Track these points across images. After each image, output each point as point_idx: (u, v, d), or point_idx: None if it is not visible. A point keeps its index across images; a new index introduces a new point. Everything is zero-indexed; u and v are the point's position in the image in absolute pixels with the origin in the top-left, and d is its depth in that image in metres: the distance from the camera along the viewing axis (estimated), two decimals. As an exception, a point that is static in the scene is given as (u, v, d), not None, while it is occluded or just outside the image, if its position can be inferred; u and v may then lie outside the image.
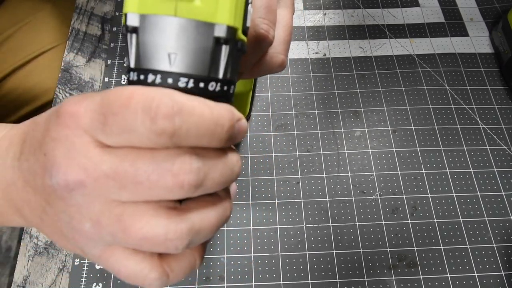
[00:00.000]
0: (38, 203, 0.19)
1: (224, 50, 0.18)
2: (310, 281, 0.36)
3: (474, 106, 0.44)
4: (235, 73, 0.19)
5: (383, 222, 0.38)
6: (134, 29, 0.18)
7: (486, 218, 0.39)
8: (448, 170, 0.41)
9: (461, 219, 0.39)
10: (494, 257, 0.37)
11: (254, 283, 0.36)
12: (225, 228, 0.38)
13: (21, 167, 0.20)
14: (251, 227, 0.38)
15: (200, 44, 0.17)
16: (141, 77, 0.18)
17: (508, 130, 0.43)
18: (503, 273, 0.36)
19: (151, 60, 0.18)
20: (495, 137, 0.43)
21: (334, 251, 0.37)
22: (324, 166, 0.41)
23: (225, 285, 0.36)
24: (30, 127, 0.20)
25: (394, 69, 0.47)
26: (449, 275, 0.36)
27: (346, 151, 0.42)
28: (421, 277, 0.36)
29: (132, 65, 0.18)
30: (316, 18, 0.51)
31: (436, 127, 0.43)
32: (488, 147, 0.42)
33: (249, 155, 0.41)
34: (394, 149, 0.42)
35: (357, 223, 0.38)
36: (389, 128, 0.43)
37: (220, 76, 0.18)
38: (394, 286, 0.36)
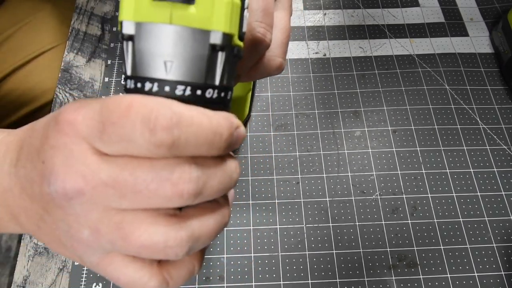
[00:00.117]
0: (35, 211, 0.19)
1: (220, 57, 0.18)
2: (310, 281, 0.36)
3: (474, 106, 0.44)
4: (232, 79, 0.19)
5: (383, 222, 0.38)
6: (130, 37, 0.18)
7: (486, 218, 0.39)
8: (448, 170, 0.41)
9: (461, 219, 0.39)
10: (494, 257, 0.37)
11: (254, 283, 0.36)
12: (225, 228, 0.38)
13: (18, 174, 0.19)
14: (251, 227, 0.38)
15: (196, 52, 0.17)
16: (138, 85, 0.18)
17: (508, 130, 0.43)
18: (503, 273, 0.36)
19: (148, 68, 0.18)
20: (495, 137, 0.43)
21: (334, 251, 0.37)
22: (324, 166, 0.41)
23: (225, 285, 0.36)
24: (27, 134, 0.20)
25: (394, 69, 0.47)
26: (449, 275, 0.36)
27: (346, 151, 0.42)
28: (421, 277, 0.36)
29: (129, 73, 0.18)
30: (316, 18, 0.51)
31: (436, 127, 0.43)
32: (488, 147, 0.42)
33: (249, 155, 0.41)
34: (394, 149, 0.42)
35: (357, 223, 0.38)
36: (389, 128, 0.43)
37: (217, 83, 0.18)
38: (394, 286, 0.36)
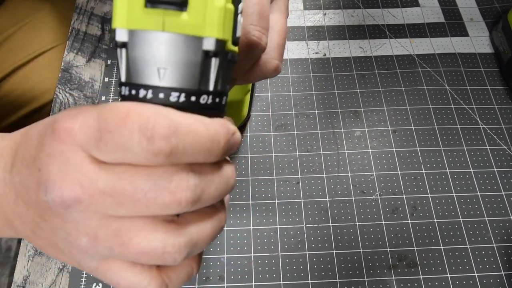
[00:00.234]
0: (31, 217, 0.19)
1: (214, 63, 0.18)
2: (310, 281, 0.36)
3: (474, 106, 0.44)
4: (227, 84, 0.19)
5: (383, 222, 0.38)
6: (124, 44, 0.18)
7: (486, 218, 0.39)
8: (448, 170, 0.41)
9: (461, 219, 0.39)
10: (494, 257, 0.37)
11: (254, 283, 0.36)
12: (225, 228, 0.38)
13: (13, 180, 0.19)
14: (251, 227, 0.38)
15: (189, 58, 0.17)
16: (133, 92, 0.18)
17: (508, 130, 0.43)
18: (503, 273, 0.36)
19: (141, 75, 0.18)
20: (495, 137, 0.43)
21: (334, 251, 0.37)
22: (324, 166, 0.41)
23: (225, 285, 0.36)
24: (22, 139, 0.20)
25: (394, 69, 0.47)
26: (449, 275, 0.36)
27: (346, 151, 0.42)
28: (421, 277, 0.36)
29: (123, 80, 0.18)
30: (316, 18, 0.51)
31: (436, 127, 0.43)
32: (488, 147, 0.42)
33: (249, 155, 0.41)
34: (394, 149, 0.42)
35: (357, 223, 0.38)
36: (389, 128, 0.43)
37: (211, 89, 0.18)
38: (394, 286, 0.36)
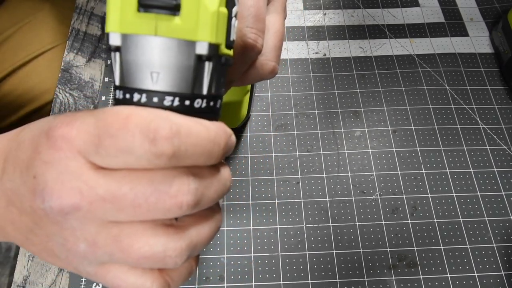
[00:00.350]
0: (24, 224, 0.19)
1: (207, 67, 0.18)
2: (310, 281, 0.36)
3: (474, 106, 0.44)
4: (221, 88, 0.19)
5: (383, 222, 0.38)
6: (117, 48, 0.18)
7: (486, 218, 0.39)
8: (448, 170, 0.41)
9: (461, 219, 0.39)
10: (494, 257, 0.37)
11: (254, 283, 0.36)
12: (225, 228, 0.38)
13: (4, 187, 0.19)
14: (251, 227, 0.38)
15: (182, 62, 0.17)
16: (127, 96, 0.18)
17: (508, 130, 0.43)
18: (503, 273, 0.36)
19: (135, 79, 0.18)
20: (495, 137, 0.43)
21: (334, 251, 0.37)
22: (324, 166, 0.41)
23: (225, 285, 0.36)
24: (12, 145, 0.19)
25: (394, 69, 0.47)
26: (449, 275, 0.36)
27: (346, 151, 0.42)
28: (421, 277, 0.36)
29: (117, 83, 0.18)
30: (316, 18, 0.51)
31: (436, 127, 0.43)
32: (488, 147, 0.42)
33: (249, 155, 0.41)
34: (394, 149, 0.42)
35: (357, 223, 0.38)
36: (389, 128, 0.43)
37: (205, 93, 0.18)
38: (394, 286, 0.36)
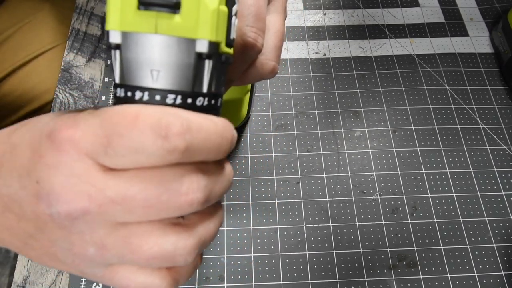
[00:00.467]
0: (23, 229, 0.18)
1: (207, 65, 0.18)
2: (310, 281, 0.36)
3: (474, 106, 0.44)
4: (221, 86, 0.19)
5: (383, 222, 0.38)
6: (117, 46, 0.18)
7: (486, 218, 0.39)
8: (448, 170, 0.41)
9: (461, 219, 0.39)
10: (494, 257, 0.37)
11: (254, 283, 0.36)
12: (225, 228, 0.38)
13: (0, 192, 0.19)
14: (251, 227, 0.38)
15: (182, 60, 0.17)
16: (129, 94, 0.18)
17: (508, 130, 0.43)
18: (503, 273, 0.36)
19: (135, 77, 0.18)
20: (495, 137, 0.43)
21: (334, 251, 0.37)
22: (324, 166, 0.41)
23: (225, 285, 0.36)
24: (6, 149, 0.19)
25: (394, 69, 0.47)
26: (449, 275, 0.36)
27: (346, 151, 0.42)
28: (421, 277, 0.36)
29: (117, 81, 0.18)
30: (316, 18, 0.51)
31: (436, 127, 0.43)
32: (488, 147, 0.42)
33: (249, 155, 0.41)
34: (394, 149, 0.42)
35: (357, 223, 0.38)
36: (389, 128, 0.43)
37: (205, 91, 0.18)
38: (394, 286, 0.36)
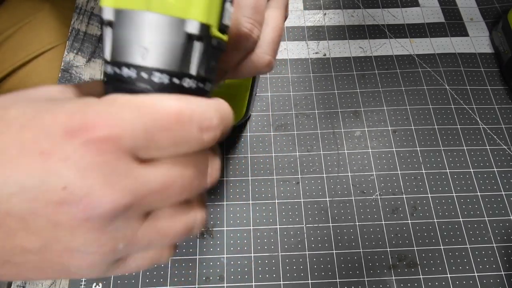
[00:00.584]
0: (10, 247, 0.16)
1: (197, 46, 0.18)
2: (310, 281, 0.36)
3: (474, 106, 0.44)
4: (212, 71, 0.20)
5: (383, 222, 0.38)
6: (109, 23, 0.18)
7: (486, 218, 0.39)
8: (448, 170, 0.41)
9: (461, 219, 0.39)
10: (494, 257, 0.37)
11: (254, 283, 0.36)
12: (225, 228, 0.38)
13: None
14: (251, 227, 0.38)
15: (172, 40, 0.18)
16: (117, 71, 0.18)
17: (508, 130, 0.43)
18: (503, 273, 0.36)
19: (125, 54, 0.18)
20: (495, 137, 0.43)
21: (334, 251, 0.37)
22: (324, 166, 0.41)
23: (225, 285, 0.36)
24: None
25: (394, 69, 0.47)
26: (449, 275, 0.36)
27: (346, 151, 0.42)
28: (421, 277, 0.36)
29: (108, 58, 0.18)
30: (316, 18, 0.51)
31: (436, 127, 0.43)
32: (488, 147, 0.42)
33: (249, 155, 0.41)
34: (394, 149, 0.42)
35: (357, 223, 0.38)
36: (389, 128, 0.43)
37: (193, 73, 0.18)
38: (394, 286, 0.36)
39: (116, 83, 0.18)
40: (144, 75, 0.18)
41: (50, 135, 0.15)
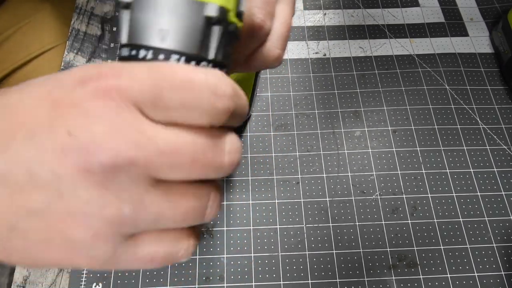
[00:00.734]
0: (16, 209, 0.16)
1: (215, 31, 0.18)
2: (310, 281, 0.36)
3: (474, 106, 0.44)
4: (228, 58, 0.20)
5: (383, 222, 0.38)
6: (127, 5, 0.18)
7: (486, 218, 0.39)
8: (448, 170, 0.41)
9: (461, 219, 0.39)
10: (494, 257, 0.37)
11: (254, 283, 0.36)
12: (225, 228, 0.38)
13: None
14: (251, 227, 0.38)
15: (191, 23, 0.18)
16: (133, 53, 0.18)
17: (508, 130, 0.43)
18: (503, 273, 0.36)
19: (143, 36, 0.18)
20: (495, 137, 0.43)
21: (334, 251, 0.37)
22: (324, 166, 0.41)
23: (225, 285, 0.36)
24: (4, 112, 0.17)
25: (394, 69, 0.47)
26: (449, 275, 0.36)
27: (346, 151, 0.42)
28: (421, 277, 0.36)
29: (125, 41, 0.18)
30: (316, 18, 0.51)
31: (436, 127, 0.43)
32: (488, 147, 0.42)
33: (249, 155, 0.41)
34: (394, 149, 0.42)
35: (357, 223, 0.38)
36: (389, 128, 0.43)
37: (211, 57, 0.18)
38: (394, 286, 0.36)
39: None
40: (161, 57, 0.18)
41: (64, 86, 0.16)
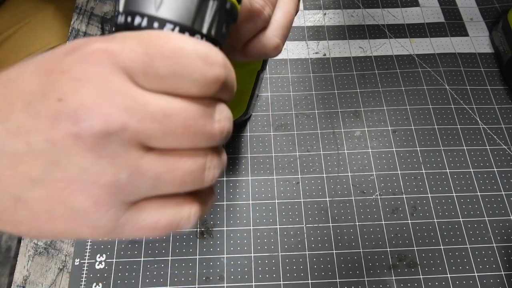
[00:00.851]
0: (20, 178, 0.16)
1: (211, 4, 0.18)
2: (310, 281, 0.36)
3: (474, 106, 0.44)
4: (222, 37, 0.20)
5: (383, 222, 0.38)
6: None
7: (486, 218, 0.39)
8: (448, 170, 0.41)
9: (461, 219, 0.39)
10: (494, 257, 0.37)
11: (254, 283, 0.36)
12: (225, 228, 0.38)
13: None
14: (251, 227, 0.38)
15: None
16: (128, 20, 0.18)
17: (508, 130, 0.43)
18: (503, 273, 0.36)
19: (140, 4, 0.18)
20: (495, 137, 0.43)
21: (334, 251, 0.37)
22: (324, 166, 0.41)
23: (225, 285, 0.36)
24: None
25: (394, 69, 0.47)
26: (449, 275, 0.36)
27: (346, 151, 0.42)
28: (421, 277, 0.36)
29: (121, 9, 0.18)
30: (316, 18, 0.51)
31: (436, 127, 0.43)
32: (488, 147, 0.42)
33: (249, 155, 0.41)
34: (394, 149, 0.42)
35: (357, 223, 0.38)
36: (389, 128, 0.43)
37: (205, 31, 0.18)
38: (394, 286, 0.36)
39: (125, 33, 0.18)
40: (156, 25, 0.18)
41: (56, 56, 0.16)
